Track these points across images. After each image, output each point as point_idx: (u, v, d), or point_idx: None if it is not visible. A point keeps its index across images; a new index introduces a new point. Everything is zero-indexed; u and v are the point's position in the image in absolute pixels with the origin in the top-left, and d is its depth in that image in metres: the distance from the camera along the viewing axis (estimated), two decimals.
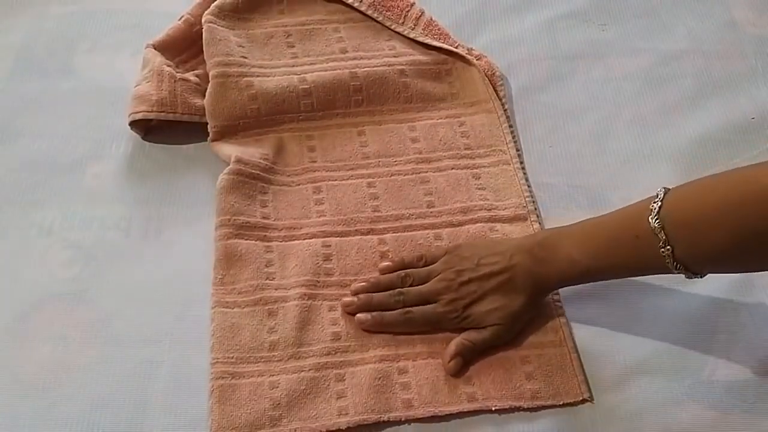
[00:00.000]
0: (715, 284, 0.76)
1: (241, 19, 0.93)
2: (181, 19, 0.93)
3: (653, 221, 0.61)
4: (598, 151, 0.87)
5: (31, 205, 0.80)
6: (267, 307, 0.73)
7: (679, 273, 0.63)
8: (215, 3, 0.93)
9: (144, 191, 0.82)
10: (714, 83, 0.94)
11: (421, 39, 0.93)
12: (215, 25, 0.90)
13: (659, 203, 0.62)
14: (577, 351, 0.71)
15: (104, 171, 0.84)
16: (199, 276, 0.75)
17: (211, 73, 0.86)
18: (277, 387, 0.68)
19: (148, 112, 0.84)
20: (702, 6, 1.02)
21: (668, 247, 0.61)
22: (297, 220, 0.80)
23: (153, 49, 0.90)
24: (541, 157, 0.87)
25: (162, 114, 0.85)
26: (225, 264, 0.75)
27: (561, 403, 0.68)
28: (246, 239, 0.77)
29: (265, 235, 0.78)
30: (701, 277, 0.64)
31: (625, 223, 0.66)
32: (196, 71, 0.90)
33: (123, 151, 0.85)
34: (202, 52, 0.89)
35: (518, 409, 0.68)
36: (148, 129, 0.87)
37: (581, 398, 0.68)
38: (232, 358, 0.70)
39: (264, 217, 0.79)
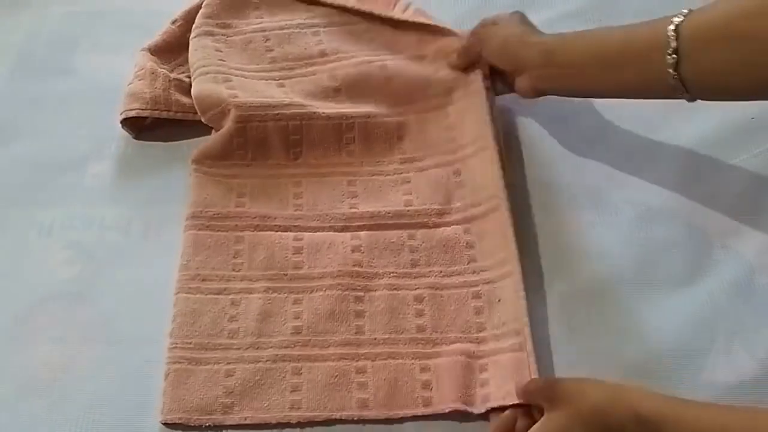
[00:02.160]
0: (716, 284, 0.76)
1: (219, 25, 0.92)
2: (174, 23, 0.93)
3: (669, 29, 0.63)
4: (598, 151, 0.87)
5: (30, 205, 0.80)
6: (230, 297, 0.73)
7: (675, 93, 0.65)
8: (199, 12, 0.92)
9: (144, 191, 0.82)
10: None
11: (411, 19, 0.91)
12: (196, 38, 0.90)
13: (681, 18, 0.63)
14: (535, 354, 0.68)
15: (104, 171, 0.84)
16: None
17: (192, 80, 0.86)
18: (233, 375, 0.69)
19: (141, 109, 0.84)
20: (702, 6, 1.02)
21: (674, 56, 0.62)
22: (272, 210, 0.79)
23: (148, 53, 0.90)
24: (541, 157, 0.86)
25: (156, 112, 0.84)
26: (192, 251, 0.76)
27: (510, 403, 0.66)
28: (216, 231, 0.77)
29: (236, 225, 0.78)
30: (692, 100, 0.66)
31: (639, 28, 0.68)
32: (189, 73, 0.89)
33: (123, 151, 0.85)
34: None
35: (468, 413, 0.67)
36: (141, 128, 0.87)
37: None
38: (191, 343, 0.70)
39: (238, 206, 0.79)
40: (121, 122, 0.85)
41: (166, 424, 0.66)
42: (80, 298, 0.74)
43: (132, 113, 0.84)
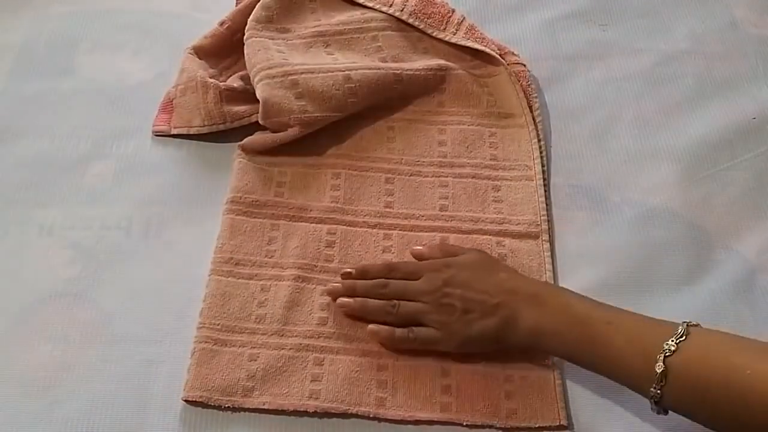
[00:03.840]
0: (717, 283, 0.76)
1: (278, 30, 0.92)
2: (222, 25, 0.93)
3: (660, 360, 0.58)
4: (598, 152, 0.87)
5: (31, 205, 0.80)
6: (261, 283, 0.75)
7: (648, 398, 0.60)
8: (251, 17, 0.92)
9: (145, 191, 0.82)
10: (715, 83, 0.94)
11: (462, 43, 0.92)
12: (255, 39, 0.89)
13: (675, 345, 0.58)
14: (563, 378, 0.70)
15: (105, 171, 0.83)
16: (200, 275, 0.75)
17: (254, 81, 0.85)
18: (256, 360, 0.70)
19: (200, 126, 0.85)
20: (703, 6, 1.02)
21: (658, 391, 0.59)
22: (309, 201, 0.80)
23: (194, 56, 0.90)
24: None
25: (214, 126, 0.85)
26: (228, 235, 0.77)
27: (536, 426, 0.67)
28: (253, 217, 0.79)
29: (273, 213, 0.79)
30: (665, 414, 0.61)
31: (634, 343, 0.61)
32: (240, 73, 0.89)
33: (123, 151, 0.85)
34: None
35: (491, 426, 0.68)
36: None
37: (558, 423, 0.67)
38: (218, 325, 0.71)
39: (276, 195, 0.81)
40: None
41: (187, 402, 0.67)
42: (81, 298, 0.74)
43: (193, 131, 0.85)
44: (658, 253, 0.79)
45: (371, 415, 0.68)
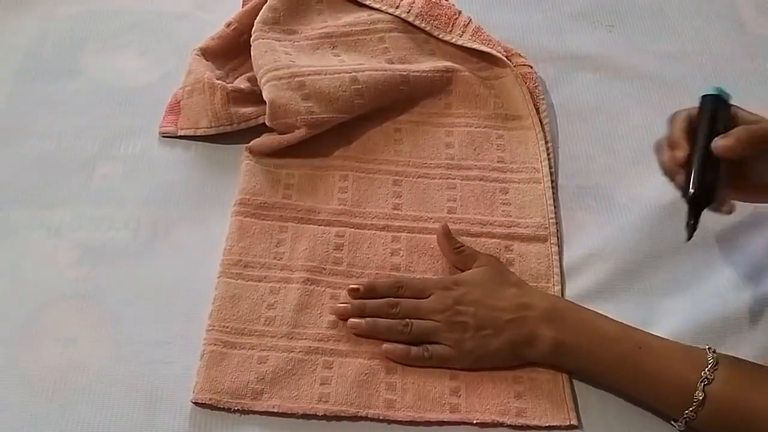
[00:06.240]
0: (724, 281, 0.76)
1: (285, 31, 0.92)
2: (229, 26, 0.93)
3: (700, 389, 0.63)
4: (605, 152, 0.87)
5: (39, 206, 0.80)
6: (270, 285, 0.75)
7: (676, 418, 0.65)
8: (258, 19, 0.91)
9: (152, 192, 0.82)
10: (721, 85, 0.93)
11: (469, 45, 0.92)
12: (261, 40, 0.89)
13: (712, 375, 0.63)
14: (571, 381, 0.70)
15: (112, 171, 0.83)
16: (208, 277, 0.75)
17: (261, 82, 0.85)
18: (265, 363, 0.70)
19: (207, 128, 0.85)
20: (710, 7, 1.02)
21: (694, 414, 0.64)
22: (317, 204, 0.80)
23: (201, 58, 0.90)
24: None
25: (221, 128, 0.85)
26: (237, 237, 0.77)
27: (546, 425, 0.67)
28: (262, 219, 0.79)
29: (281, 215, 0.79)
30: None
31: (667, 369, 0.65)
32: (247, 75, 0.89)
33: (131, 152, 0.85)
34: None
35: (501, 425, 0.68)
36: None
37: (568, 423, 0.67)
38: (228, 327, 0.71)
39: (285, 197, 0.81)
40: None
41: (196, 404, 0.67)
42: (89, 299, 0.74)
43: (200, 132, 0.85)
44: (666, 254, 0.78)
45: (381, 418, 0.68)
